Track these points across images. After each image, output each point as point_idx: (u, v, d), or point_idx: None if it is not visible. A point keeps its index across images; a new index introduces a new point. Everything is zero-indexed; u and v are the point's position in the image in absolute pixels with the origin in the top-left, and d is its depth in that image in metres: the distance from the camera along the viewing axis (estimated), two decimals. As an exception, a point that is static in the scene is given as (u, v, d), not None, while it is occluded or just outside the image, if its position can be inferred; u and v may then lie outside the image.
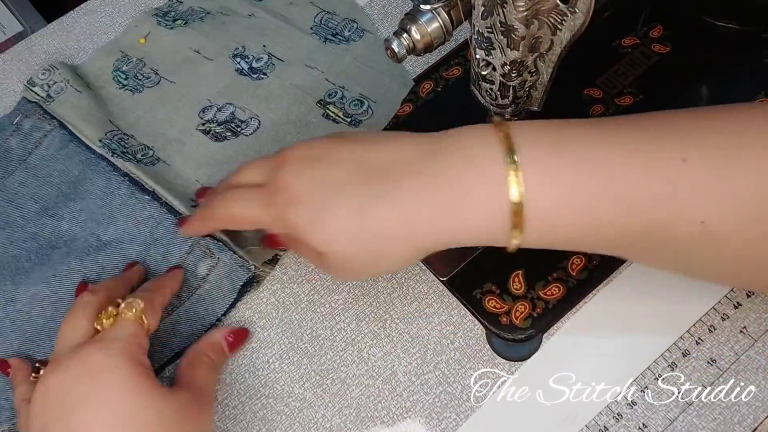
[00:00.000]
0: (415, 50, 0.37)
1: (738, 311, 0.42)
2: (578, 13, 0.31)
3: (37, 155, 0.51)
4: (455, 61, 0.53)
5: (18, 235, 0.48)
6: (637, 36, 0.52)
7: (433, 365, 0.43)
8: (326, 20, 0.55)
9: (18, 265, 0.47)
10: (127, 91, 0.54)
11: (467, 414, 0.41)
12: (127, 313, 0.38)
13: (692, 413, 0.40)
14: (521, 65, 0.36)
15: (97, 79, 0.54)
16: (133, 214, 0.47)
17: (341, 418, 0.42)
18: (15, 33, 0.64)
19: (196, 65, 0.54)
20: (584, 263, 0.44)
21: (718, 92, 0.50)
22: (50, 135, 0.51)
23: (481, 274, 0.44)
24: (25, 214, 0.49)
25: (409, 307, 0.44)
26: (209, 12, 0.57)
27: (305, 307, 0.45)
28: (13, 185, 0.50)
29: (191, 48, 0.55)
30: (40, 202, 0.49)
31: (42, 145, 0.51)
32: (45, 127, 0.52)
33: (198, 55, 0.55)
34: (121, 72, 0.54)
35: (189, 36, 0.55)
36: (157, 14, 0.57)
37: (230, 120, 0.51)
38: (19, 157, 0.51)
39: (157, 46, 0.56)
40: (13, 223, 0.49)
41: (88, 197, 0.49)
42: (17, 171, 0.51)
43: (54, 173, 0.50)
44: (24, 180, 0.50)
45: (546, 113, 0.40)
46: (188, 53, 0.55)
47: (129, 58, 0.55)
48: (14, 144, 0.52)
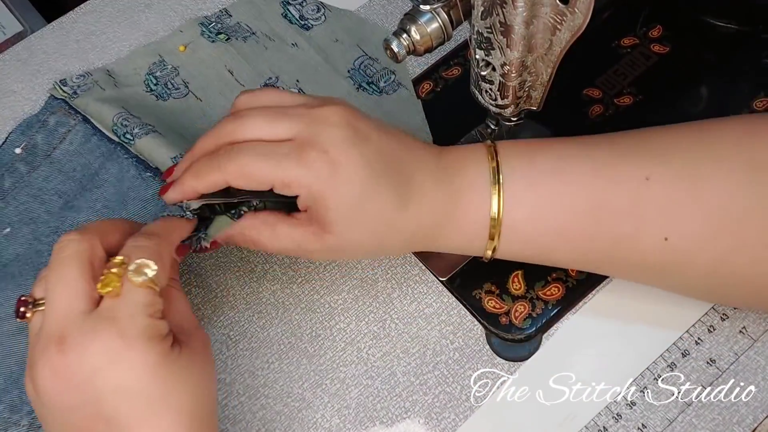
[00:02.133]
0: (415, 50, 0.37)
1: (738, 311, 0.42)
2: (578, 13, 0.31)
3: (61, 150, 0.51)
4: (455, 61, 0.53)
5: (42, 230, 0.48)
6: (636, 36, 0.52)
7: (432, 365, 0.43)
8: (366, 66, 0.53)
9: (42, 260, 0.47)
10: (153, 95, 0.53)
11: (467, 414, 0.41)
12: (136, 279, 0.32)
13: (691, 413, 0.40)
14: (521, 65, 0.36)
15: (128, 78, 0.54)
16: (140, 195, 0.47)
17: (340, 419, 0.42)
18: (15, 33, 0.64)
19: (226, 87, 0.53)
20: (584, 263, 0.44)
21: (718, 92, 0.50)
22: (74, 130, 0.52)
23: (481, 275, 0.44)
24: (50, 209, 0.49)
25: (408, 307, 0.44)
26: (254, 32, 0.56)
27: (305, 307, 0.45)
28: (38, 180, 0.50)
29: (226, 67, 0.54)
30: (64, 197, 0.49)
31: (66, 140, 0.51)
32: (69, 122, 0.52)
33: (231, 77, 0.54)
34: (154, 77, 0.54)
35: (228, 54, 0.55)
36: (203, 23, 0.56)
37: None
38: (44, 153, 0.51)
39: (194, 57, 0.55)
40: (37, 218, 0.49)
41: (103, 186, 0.49)
42: (42, 166, 0.51)
43: (77, 167, 0.50)
44: (48, 175, 0.50)
45: (546, 113, 0.40)
46: (222, 72, 0.54)
47: (165, 63, 0.55)
48: (39, 140, 0.52)
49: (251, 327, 0.45)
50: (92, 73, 0.54)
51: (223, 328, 0.45)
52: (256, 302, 0.46)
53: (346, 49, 0.54)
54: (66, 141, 0.52)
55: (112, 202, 0.48)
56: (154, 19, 0.58)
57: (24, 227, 0.49)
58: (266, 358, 0.44)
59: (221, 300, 0.46)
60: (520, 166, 0.37)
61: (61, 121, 0.52)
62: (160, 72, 0.54)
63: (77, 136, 0.51)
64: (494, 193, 0.37)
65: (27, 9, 0.67)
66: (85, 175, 0.50)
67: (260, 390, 0.43)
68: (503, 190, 0.37)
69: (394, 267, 0.46)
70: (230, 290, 0.46)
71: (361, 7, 0.56)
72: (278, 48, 0.55)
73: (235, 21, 0.56)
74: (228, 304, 0.46)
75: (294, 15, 0.56)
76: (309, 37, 0.55)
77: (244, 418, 0.42)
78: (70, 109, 0.52)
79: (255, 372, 0.43)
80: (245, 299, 0.46)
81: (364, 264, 0.46)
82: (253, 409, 0.42)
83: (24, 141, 0.52)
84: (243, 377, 0.43)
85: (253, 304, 0.46)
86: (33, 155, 0.51)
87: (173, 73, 0.54)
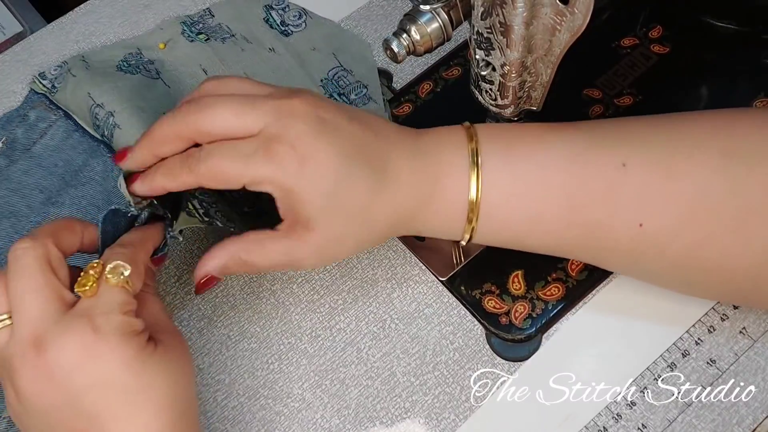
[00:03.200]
0: (415, 51, 0.37)
1: (738, 312, 0.42)
2: (577, 13, 0.31)
3: (41, 145, 0.51)
4: (455, 61, 0.53)
5: (23, 224, 0.48)
6: (636, 36, 0.52)
7: (432, 365, 0.43)
8: (339, 77, 0.53)
9: None
10: (120, 71, 0.52)
11: (467, 414, 0.41)
12: (112, 279, 0.33)
13: (691, 414, 0.40)
14: (521, 65, 0.36)
15: (102, 63, 0.54)
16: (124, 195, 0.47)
17: (340, 419, 0.42)
18: (15, 33, 0.64)
19: (197, 83, 0.53)
20: (583, 263, 0.44)
21: (718, 92, 0.50)
22: (55, 125, 0.52)
23: (481, 274, 0.44)
24: (31, 204, 0.49)
25: (408, 308, 0.44)
26: (234, 34, 0.55)
27: (305, 307, 0.45)
28: (17, 174, 0.50)
29: (201, 66, 0.54)
30: (45, 192, 0.49)
31: (47, 135, 0.52)
32: (50, 117, 0.52)
33: (204, 75, 0.53)
34: (127, 63, 0.54)
35: (204, 54, 0.54)
36: (184, 22, 0.56)
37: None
38: (24, 147, 0.51)
39: (172, 54, 0.55)
40: (18, 212, 0.49)
41: (88, 183, 0.49)
42: (21, 160, 0.51)
43: (59, 163, 0.50)
44: (28, 169, 0.51)
45: (546, 113, 0.40)
46: (196, 71, 0.54)
47: (142, 56, 0.54)
48: (19, 134, 0.52)
49: (251, 327, 0.45)
50: (67, 62, 0.54)
51: (223, 328, 0.45)
52: (256, 302, 0.46)
53: (322, 58, 0.54)
54: (47, 136, 0.52)
55: (98, 200, 0.48)
56: (153, 19, 0.58)
57: (4, 220, 0.49)
58: (266, 359, 0.44)
59: (221, 300, 0.46)
60: (499, 149, 0.37)
61: (41, 116, 0.52)
62: (135, 61, 0.54)
63: (58, 131, 0.51)
64: (473, 175, 0.36)
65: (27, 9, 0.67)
66: (67, 171, 0.50)
67: (260, 390, 0.43)
68: (482, 173, 0.36)
69: (394, 267, 0.46)
70: (230, 290, 0.46)
71: (361, 8, 0.57)
72: (255, 51, 0.55)
73: (217, 22, 0.56)
74: (228, 304, 0.46)
75: (275, 20, 0.56)
76: (287, 43, 0.55)
77: (244, 418, 0.42)
78: (51, 105, 0.52)
79: (255, 372, 0.43)
80: (245, 299, 0.46)
81: (364, 264, 0.46)
82: (252, 410, 0.42)
83: (4, 135, 0.52)
84: (243, 377, 0.43)
85: (253, 304, 0.46)
86: (12, 149, 0.51)
87: (148, 63, 0.54)
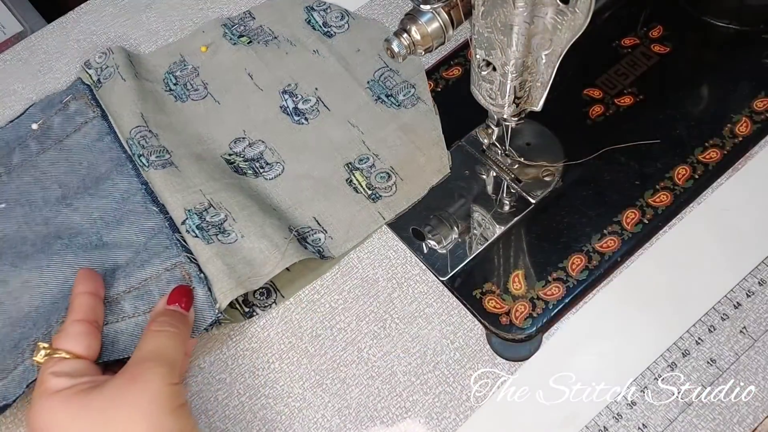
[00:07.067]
0: (415, 50, 0.37)
1: (738, 311, 0.42)
2: (578, 13, 0.31)
3: (73, 139, 0.52)
4: (455, 61, 0.53)
5: (35, 215, 0.48)
6: (637, 36, 0.52)
7: (432, 365, 0.43)
8: (386, 78, 0.52)
9: (23, 248, 0.47)
10: (171, 96, 0.53)
11: (467, 414, 0.41)
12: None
13: (692, 413, 0.40)
14: (521, 65, 0.36)
15: (149, 73, 0.54)
16: (138, 222, 0.47)
17: (341, 418, 0.42)
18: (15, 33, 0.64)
19: (245, 91, 0.53)
20: (584, 263, 0.44)
21: (718, 92, 0.50)
22: (91, 123, 0.52)
23: (481, 274, 0.44)
24: (47, 197, 0.49)
25: (409, 307, 0.44)
26: (276, 37, 0.55)
27: (305, 307, 0.45)
28: (44, 163, 0.51)
29: (246, 71, 0.54)
30: (63, 188, 0.50)
31: (81, 131, 0.52)
32: (89, 113, 0.52)
33: (250, 81, 0.53)
34: (173, 75, 0.54)
35: (248, 57, 0.54)
36: (225, 24, 0.56)
37: (257, 159, 0.50)
38: (57, 137, 0.52)
39: (215, 58, 0.55)
40: (33, 202, 0.49)
41: (107, 197, 0.49)
42: (51, 150, 0.51)
43: (84, 162, 0.51)
44: (55, 160, 0.51)
45: (546, 113, 0.40)
46: (242, 76, 0.54)
47: (186, 64, 0.54)
48: (56, 123, 0.52)
49: (251, 327, 0.45)
50: (113, 51, 0.53)
51: (223, 328, 0.45)
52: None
53: (367, 59, 0.53)
54: (81, 132, 0.52)
55: (109, 216, 0.48)
56: (155, 18, 0.58)
57: (19, 208, 0.49)
58: (266, 358, 0.44)
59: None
60: None
61: (81, 109, 0.53)
62: (180, 72, 0.54)
63: (92, 130, 0.52)
64: None
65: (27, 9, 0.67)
66: (89, 174, 0.50)
67: (261, 390, 0.43)
68: None
69: (395, 267, 0.46)
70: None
71: (361, 7, 0.57)
72: (299, 54, 0.54)
73: (258, 24, 0.56)
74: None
75: (318, 21, 0.55)
76: (331, 45, 0.54)
77: (245, 417, 0.42)
78: (92, 100, 0.52)
79: (255, 372, 0.43)
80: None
81: (365, 264, 0.46)
82: (253, 409, 0.42)
83: (42, 118, 0.53)
84: (243, 377, 0.43)
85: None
86: (46, 137, 0.52)
87: (193, 73, 0.54)
